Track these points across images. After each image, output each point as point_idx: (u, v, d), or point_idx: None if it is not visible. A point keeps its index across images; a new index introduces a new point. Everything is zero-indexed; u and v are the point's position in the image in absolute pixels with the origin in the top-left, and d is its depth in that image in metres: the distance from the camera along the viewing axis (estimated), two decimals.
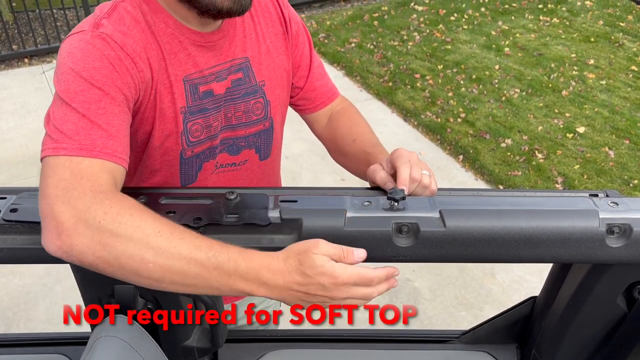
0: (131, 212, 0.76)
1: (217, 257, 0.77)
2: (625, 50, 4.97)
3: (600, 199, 0.88)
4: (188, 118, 1.02)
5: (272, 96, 1.13)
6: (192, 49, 1.00)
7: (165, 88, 0.98)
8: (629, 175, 3.50)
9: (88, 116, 0.84)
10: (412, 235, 0.84)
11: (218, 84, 1.04)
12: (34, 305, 2.64)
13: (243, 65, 1.08)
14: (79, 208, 0.75)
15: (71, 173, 0.79)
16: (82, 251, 0.75)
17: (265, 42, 1.11)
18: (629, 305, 1.00)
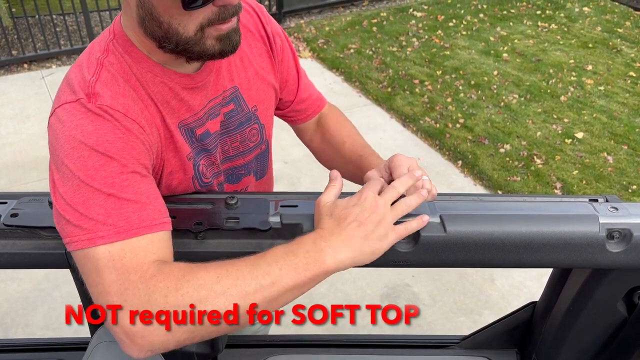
0: (187, 279, 0.75)
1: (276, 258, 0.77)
2: (623, 56, 4.99)
3: (600, 204, 0.88)
4: (196, 162, 0.99)
5: (265, 118, 1.11)
6: (184, 93, 0.95)
7: (166, 139, 0.94)
8: (627, 180, 3.51)
9: (114, 194, 0.78)
10: (412, 240, 0.84)
11: (212, 122, 1.01)
12: (33, 311, 2.63)
13: (233, 95, 1.04)
14: (139, 306, 0.73)
15: (117, 273, 0.75)
16: (162, 342, 0.74)
17: (252, 66, 1.07)
18: (629, 310, 1.00)
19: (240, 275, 0.75)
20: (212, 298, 0.73)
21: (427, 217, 0.84)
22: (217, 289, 0.74)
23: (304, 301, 2.04)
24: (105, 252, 0.76)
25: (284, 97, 1.20)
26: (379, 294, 2.76)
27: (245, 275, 0.75)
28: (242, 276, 0.75)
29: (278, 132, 1.29)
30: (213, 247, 0.84)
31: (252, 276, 0.75)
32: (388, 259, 0.85)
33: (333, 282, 2.80)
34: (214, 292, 0.74)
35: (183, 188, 0.98)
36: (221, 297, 0.74)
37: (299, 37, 5.48)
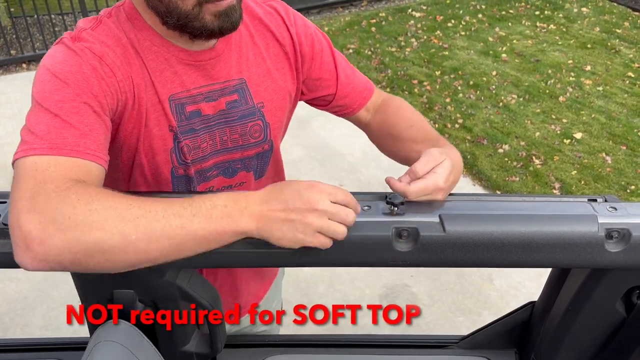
0: (98, 197, 0.75)
1: (192, 204, 0.77)
2: (622, 56, 5.00)
3: (599, 204, 0.88)
4: (178, 138, 0.99)
5: (272, 118, 1.10)
6: (179, 67, 0.97)
7: (152, 105, 0.96)
8: (626, 180, 3.51)
9: (60, 115, 0.82)
10: (411, 240, 0.84)
11: (208, 105, 1.01)
12: (31, 311, 2.63)
13: (238, 86, 1.04)
14: (46, 212, 0.72)
15: (35, 182, 0.76)
16: (58, 254, 0.72)
17: (265, 64, 1.07)
18: (628, 310, 1.00)
19: (152, 209, 0.75)
20: (117, 222, 0.73)
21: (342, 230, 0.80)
22: (126, 215, 0.73)
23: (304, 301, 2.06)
24: (33, 162, 0.78)
25: (321, 93, 1.18)
26: (378, 294, 2.76)
27: (158, 210, 0.75)
28: (154, 210, 0.75)
29: None
30: None
31: (164, 213, 0.75)
32: (387, 259, 0.85)
33: (332, 282, 2.80)
34: (122, 217, 0.73)
35: (162, 158, 1.00)
36: (128, 224, 0.73)
37: None
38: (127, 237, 0.73)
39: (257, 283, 1.35)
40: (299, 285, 2.77)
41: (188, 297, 0.94)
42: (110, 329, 0.90)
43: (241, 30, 1.05)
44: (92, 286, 0.93)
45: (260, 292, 1.37)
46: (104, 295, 0.93)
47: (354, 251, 0.84)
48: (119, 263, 0.76)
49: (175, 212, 0.76)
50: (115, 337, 0.89)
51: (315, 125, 3.98)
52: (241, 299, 1.31)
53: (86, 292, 0.94)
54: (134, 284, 0.92)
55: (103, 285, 0.92)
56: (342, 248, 0.83)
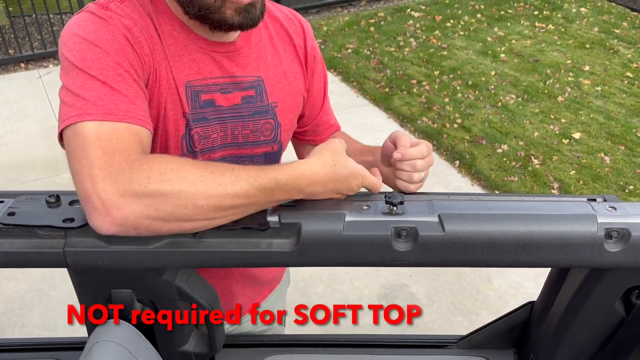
0: (171, 167, 0.78)
1: (258, 181, 0.81)
2: (620, 56, 5.00)
3: (599, 204, 0.88)
4: (190, 125, 1.01)
5: (284, 119, 1.12)
6: (198, 55, 0.99)
7: (170, 89, 0.97)
8: (624, 180, 3.51)
9: (107, 82, 0.84)
10: (411, 239, 0.83)
11: (222, 96, 1.03)
12: (29, 311, 2.63)
13: (255, 83, 1.06)
14: (122, 182, 0.76)
15: (103, 151, 0.78)
16: (137, 219, 0.76)
17: (282, 65, 1.10)
18: (627, 310, 1.00)
19: (222, 182, 0.80)
20: (191, 194, 0.77)
21: None
22: (199, 187, 0.78)
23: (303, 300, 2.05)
24: (94, 130, 0.80)
25: (307, 112, 1.22)
26: (377, 294, 2.76)
27: (227, 184, 0.80)
28: (224, 184, 0.80)
29: None
30: (211, 246, 0.83)
31: (232, 187, 0.80)
32: (386, 258, 0.85)
33: (330, 282, 2.80)
34: (195, 190, 0.77)
35: (173, 143, 1.02)
36: (200, 197, 0.78)
37: None
38: (198, 209, 0.78)
39: (254, 288, 1.34)
40: (297, 285, 2.77)
41: (187, 296, 0.94)
42: (108, 329, 0.90)
43: (261, 30, 1.08)
44: (91, 286, 0.93)
45: (257, 298, 1.36)
46: (103, 295, 0.93)
47: (353, 251, 0.84)
48: (188, 228, 0.81)
49: (243, 190, 0.81)
50: (113, 337, 0.88)
51: None
52: (236, 302, 1.31)
53: (84, 291, 0.94)
54: (133, 283, 0.91)
55: (101, 285, 0.92)
56: (342, 247, 0.83)
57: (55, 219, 0.82)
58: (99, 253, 0.82)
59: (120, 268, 0.85)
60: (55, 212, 0.83)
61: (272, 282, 1.40)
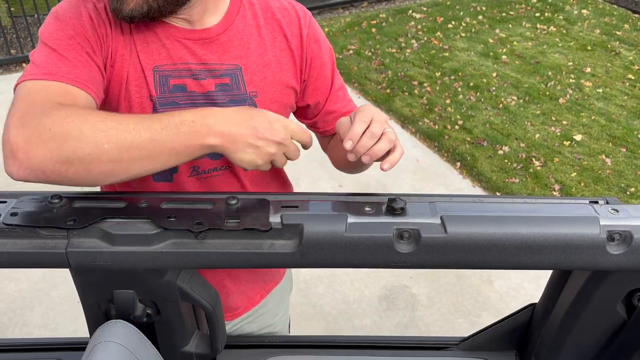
0: (77, 112, 0.82)
1: (161, 118, 0.84)
2: (622, 58, 5.00)
3: (601, 206, 0.88)
4: (157, 109, 1.03)
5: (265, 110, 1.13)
6: (168, 42, 1.02)
7: (135, 72, 1.01)
8: (625, 183, 3.51)
9: (57, 50, 0.92)
10: (413, 241, 0.83)
11: (194, 82, 1.04)
12: (30, 311, 2.63)
13: (231, 71, 1.07)
14: (31, 126, 0.80)
15: (26, 103, 0.85)
16: (41, 160, 0.79)
17: (266, 55, 1.09)
18: (629, 312, 1.00)
19: (124, 122, 0.83)
20: (91, 132, 0.81)
21: None
22: (99, 126, 0.81)
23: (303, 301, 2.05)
24: (28, 86, 0.88)
25: (312, 103, 1.20)
26: (377, 295, 2.76)
27: (129, 123, 0.83)
28: (126, 123, 0.83)
29: None
30: (213, 247, 0.83)
31: (134, 126, 0.83)
32: (388, 260, 0.85)
33: (331, 282, 2.80)
34: (95, 127, 0.81)
35: None
36: (100, 134, 0.81)
37: None
38: (100, 146, 0.80)
39: (248, 284, 1.33)
40: (298, 286, 2.77)
41: (188, 297, 0.94)
42: (110, 329, 0.90)
43: (247, 20, 1.08)
44: (93, 286, 0.93)
45: (256, 297, 1.36)
46: (105, 295, 0.93)
47: (355, 252, 0.84)
48: (96, 172, 0.83)
49: (146, 126, 0.83)
50: (115, 337, 0.88)
51: None
52: (231, 300, 1.30)
53: (86, 292, 0.94)
54: (134, 284, 0.91)
55: (103, 286, 0.92)
56: (344, 249, 0.83)
57: (58, 219, 0.82)
58: (101, 253, 0.82)
59: (123, 269, 0.85)
60: (58, 213, 0.83)
61: (270, 280, 1.39)
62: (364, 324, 2.61)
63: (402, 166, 3.68)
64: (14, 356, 1.15)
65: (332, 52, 1.21)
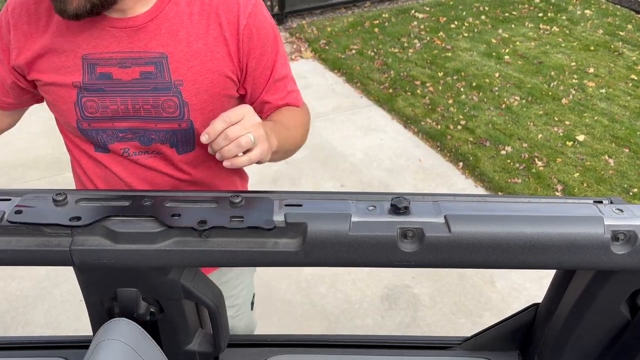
0: None
1: None
2: (625, 59, 4.99)
3: (605, 206, 0.88)
4: (83, 93, 1.11)
5: (192, 98, 1.13)
6: (95, 31, 1.07)
7: (60, 61, 1.09)
8: (628, 183, 3.51)
9: None
10: (417, 240, 0.83)
11: (120, 70, 1.09)
12: (33, 309, 2.63)
13: (157, 60, 1.09)
14: None
15: None
16: None
17: (197, 43, 1.10)
18: (632, 312, 1.00)
19: None
20: None
21: None
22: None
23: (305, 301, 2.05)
24: None
25: (248, 92, 1.22)
26: (379, 295, 2.76)
27: None
28: None
29: None
30: (217, 245, 0.83)
31: None
32: (392, 259, 0.84)
33: (333, 282, 2.80)
34: None
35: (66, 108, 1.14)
36: None
37: (300, 37, 5.48)
38: None
39: None
40: (300, 286, 2.77)
41: (192, 295, 0.94)
42: (113, 327, 0.90)
43: (180, 7, 1.10)
44: (96, 284, 0.93)
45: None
46: (108, 293, 0.93)
47: (358, 251, 0.84)
48: None
49: None
50: (118, 335, 0.88)
51: (318, 126, 3.98)
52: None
53: (90, 290, 0.94)
54: (138, 282, 0.92)
55: (107, 284, 0.92)
56: (347, 248, 0.83)
57: (62, 217, 0.82)
58: (105, 252, 0.82)
59: (126, 267, 0.85)
60: (62, 211, 0.83)
61: None
62: (366, 323, 2.61)
63: (404, 166, 3.68)
64: (19, 354, 1.15)
65: (278, 41, 1.20)
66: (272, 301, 2.68)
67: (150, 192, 0.90)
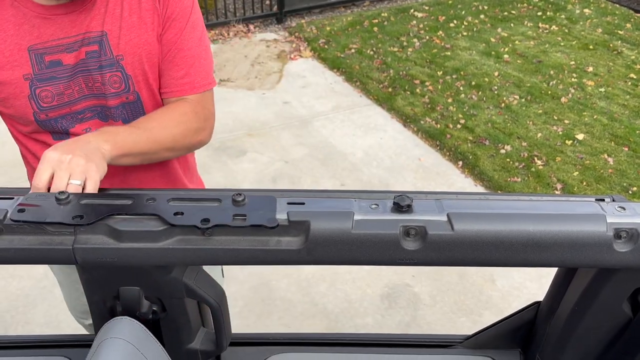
0: None
1: None
2: (624, 58, 5.00)
3: (607, 204, 0.88)
4: (35, 85, 1.10)
5: (134, 71, 1.17)
6: (37, 21, 1.07)
7: (9, 56, 1.08)
8: (628, 182, 3.51)
9: None
10: (419, 238, 0.83)
11: (68, 55, 1.11)
12: (33, 308, 2.63)
13: (98, 38, 1.12)
14: None
15: None
16: None
17: (131, 17, 1.14)
18: (634, 310, 1.00)
19: None
20: None
21: None
22: None
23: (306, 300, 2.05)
24: None
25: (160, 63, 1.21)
26: (379, 294, 2.76)
27: None
28: None
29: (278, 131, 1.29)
30: (220, 244, 0.83)
31: None
32: (394, 257, 0.85)
33: (333, 281, 2.80)
34: None
35: (22, 103, 1.12)
36: None
37: (300, 36, 5.48)
38: None
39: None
40: (300, 285, 2.77)
41: (194, 294, 0.94)
42: (116, 326, 0.90)
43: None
44: (99, 283, 0.93)
45: None
46: (111, 292, 0.93)
47: (361, 249, 0.84)
48: None
49: None
50: (121, 333, 0.88)
51: (317, 125, 3.98)
52: None
53: (92, 288, 0.94)
54: (140, 281, 0.92)
55: (109, 282, 0.92)
56: (350, 246, 0.83)
57: (65, 215, 0.82)
58: (108, 250, 0.82)
59: (129, 265, 0.85)
60: (65, 209, 0.83)
61: None
62: (366, 322, 2.61)
63: (404, 165, 3.68)
64: (21, 353, 1.15)
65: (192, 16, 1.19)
66: (272, 300, 2.69)
67: (153, 191, 0.90)
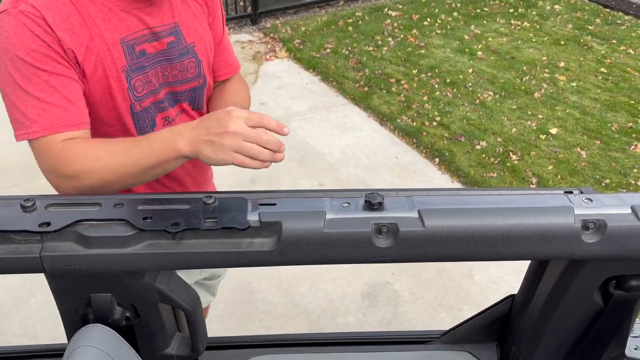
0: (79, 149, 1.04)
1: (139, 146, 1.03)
2: (594, 52, 5.08)
3: (575, 196, 0.89)
4: (130, 75, 1.16)
5: (203, 55, 1.28)
6: (122, 14, 1.13)
7: (104, 52, 1.11)
8: (600, 174, 3.57)
9: (43, 99, 1.04)
10: (391, 235, 0.84)
11: (150, 45, 1.18)
12: (8, 319, 2.58)
13: (173, 29, 1.21)
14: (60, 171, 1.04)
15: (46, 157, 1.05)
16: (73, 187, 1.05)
17: (190, 9, 1.25)
18: (605, 300, 1.02)
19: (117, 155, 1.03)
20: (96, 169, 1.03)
21: None
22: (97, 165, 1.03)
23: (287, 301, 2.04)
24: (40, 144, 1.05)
25: None
26: (360, 292, 2.77)
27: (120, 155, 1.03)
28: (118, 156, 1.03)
29: None
30: (191, 247, 0.83)
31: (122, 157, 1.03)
32: (367, 255, 0.85)
33: (314, 281, 2.80)
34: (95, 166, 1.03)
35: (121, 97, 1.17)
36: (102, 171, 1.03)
37: (275, 37, 5.46)
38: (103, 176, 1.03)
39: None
40: (281, 286, 2.76)
41: (167, 299, 0.93)
42: (88, 334, 0.88)
43: None
44: (69, 291, 0.91)
45: None
46: (81, 299, 0.92)
47: (334, 248, 0.84)
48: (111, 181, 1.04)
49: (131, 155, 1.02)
50: (93, 342, 0.87)
51: (294, 125, 3.97)
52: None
53: (63, 297, 0.93)
54: (112, 287, 0.90)
55: (80, 290, 0.90)
56: (323, 245, 0.83)
57: (31, 223, 0.80)
58: (76, 257, 0.81)
59: (99, 272, 0.84)
60: (31, 217, 0.81)
61: None
62: (348, 321, 2.62)
63: (381, 163, 3.69)
64: None
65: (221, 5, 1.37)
66: (253, 302, 2.67)
67: (121, 196, 0.89)
